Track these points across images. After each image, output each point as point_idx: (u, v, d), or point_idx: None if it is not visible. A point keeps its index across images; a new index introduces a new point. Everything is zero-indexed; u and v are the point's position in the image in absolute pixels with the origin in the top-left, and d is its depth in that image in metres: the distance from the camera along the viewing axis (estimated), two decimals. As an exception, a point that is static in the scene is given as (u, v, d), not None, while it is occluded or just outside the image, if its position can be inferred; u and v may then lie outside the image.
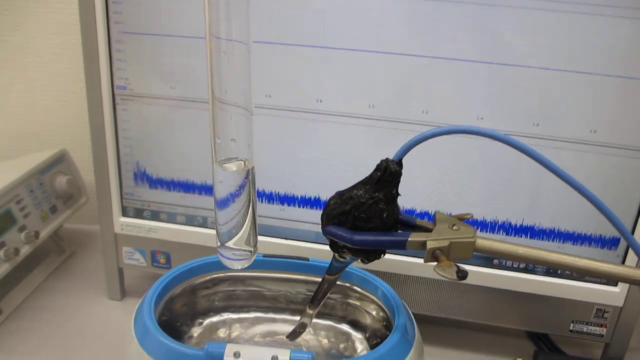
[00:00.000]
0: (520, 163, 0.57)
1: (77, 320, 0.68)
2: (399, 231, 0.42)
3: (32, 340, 0.64)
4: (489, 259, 0.61)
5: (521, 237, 0.60)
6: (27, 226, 0.68)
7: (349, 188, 0.42)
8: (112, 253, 0.69)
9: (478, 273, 0.61)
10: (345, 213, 0.41)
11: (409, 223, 0.42)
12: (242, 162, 0.41)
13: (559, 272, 0.61)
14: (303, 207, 0.63)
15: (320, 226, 0.43)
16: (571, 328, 0.64)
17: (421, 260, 0.63)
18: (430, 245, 0.39)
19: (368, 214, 0.40)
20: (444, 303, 0.64)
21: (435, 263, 0.39)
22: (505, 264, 0.62)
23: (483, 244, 0.40)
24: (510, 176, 0.58)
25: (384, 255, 0.43)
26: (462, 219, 0.43)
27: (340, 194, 0.42)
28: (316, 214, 0.62)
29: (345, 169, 0.60)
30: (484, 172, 0.58)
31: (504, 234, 0.60)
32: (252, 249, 0.44)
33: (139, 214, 0.67)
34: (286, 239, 0.64)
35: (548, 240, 0.60)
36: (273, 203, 0.63)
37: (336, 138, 0.59)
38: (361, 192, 0.41)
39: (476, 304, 0.64)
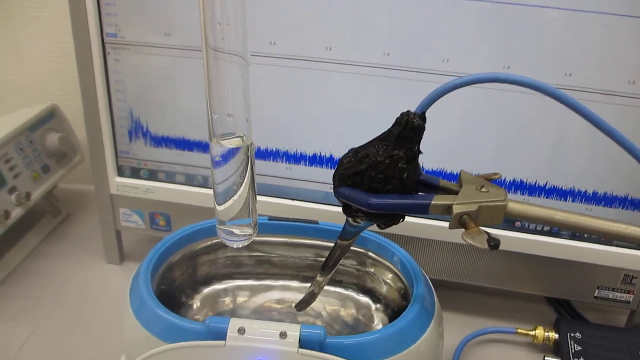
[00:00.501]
0: (542, 117, 0.52)
1: (74, 286, 0.65)
2: (420, 193, 0.37)
3: (26, 306, 0.61)
4: (510, 221, 0.57)
5: (543, 198, 0.55)
6: (17, 187, 0.64)
7: (364, 145, 0.37)
8: (108, 215, 0.65)
9: (498, 236, 0.57)
10: (361, 173, 0.36)
11: (432, 184, 0.38)
12: (241, 138, 0.38)
13: (585, 235, 0.57)
14: (311, 165, 0.58)
15: (331, 186, 0.39)
16: (596, 294, 0.60)
17: (437, 223, 0.60)
18: (457, 209, 0.35)
19: (386, 174, 0.36)
20: (460, 267, 0.61)
21: (458, 230, 0.35)
22: (528, 226, 0.58)
23: (515, 208, 0.36)
24: (531, 131, 0.53)
25: (403, 220, 0.39)
26: (490, 180, 0.38)
27: (354, 152, 0.37)
28: (325, 173, 0.58)
29: (358, 125, 0.55)
30: (501, 126, 0.53)
31: (527, 195, 0.56)
32: (251, 230, 0.41)
33: (135, 173, 0.63)
34: (293, 199, 0.60)
35: (574, 202, 0.55)
36: (278, 161, 0.58)
37: (348, 90, 0.54)
38: (378, 149, 0.36)
39: (495, 269, 0.60)
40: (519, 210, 0.36)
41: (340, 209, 0.38)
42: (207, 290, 0.52)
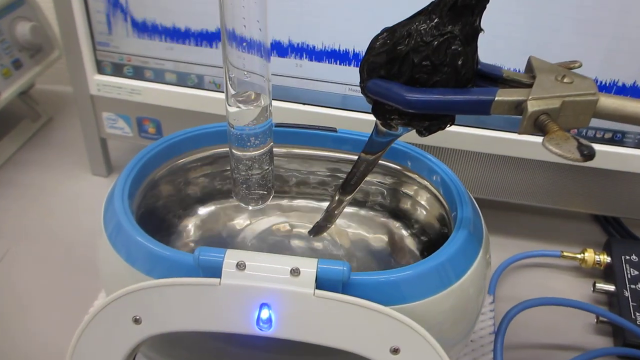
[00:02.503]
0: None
1: (55, 200, 0.57)
2: (476, 87, 0.28)
3: (2, 220, 0.54)
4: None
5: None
6: (-18, 86, 0.55)
7: (404, 21, 0.27)
8: (90, 120, 0.56)
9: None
10: (399, 59, 0.27)
11: (493, 75, 0.28)
12: (259, 97, 0.34)
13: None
14: (327, 61, 0.48)
15: (351, 87, 0.29)
16: (655, 211, 0.52)
17: (472, 131, 0.50)
18: (532, 107, 0.25)
19: (434, 60, 0.26)
20: (500, 184, 0.52)
21: (530, 135, 0.26)
22: (586, 133, 0.48)
23: (609, 104, 0.26)
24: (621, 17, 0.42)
25: (452, 123, 0.29)
26: (569, 69, 0.29)
27: (390, 31, 0.27)
28: (344, 71, 0.48)
29: (387, 6, 0.44)
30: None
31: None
32: (266, 192, 0.38)
33: (118, 70, 0.53)
34: (305, 104, 0.50)
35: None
36: (287, 56, 0.48)
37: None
38: (424, 25, 0.26)
39: (540, 185, 0.52)
40: (614, 107, 0.26)
41: (363, 115, 0.29)
42: (202, 211, 0.43)
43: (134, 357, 0.31)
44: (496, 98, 0.26)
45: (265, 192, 0.38)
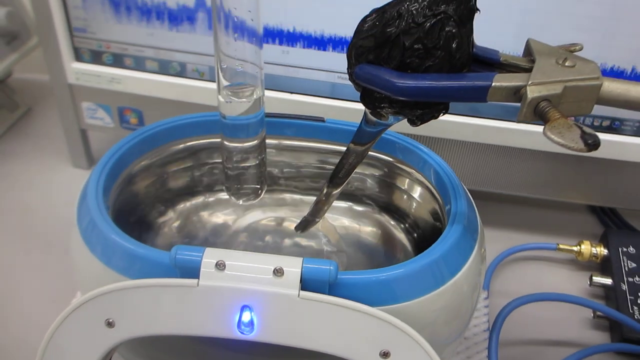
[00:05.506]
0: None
1: (33, 193, 0.55)
2: (472, 72, 0.26)
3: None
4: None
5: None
6: (-45, 75, 0.53)
7: (394, 1, 0.25)
8: (69, 110, 0.54)
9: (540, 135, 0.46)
10: (389, 42, 0.25)
11: (489, 60, 0.27)
12: (252, 90, 0.33)
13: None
14: (314, 48, 0.46)
15: (339, 75, 0.27)
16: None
17: (462, 119, 0.49)
18: (532, 93, 0.24)
19: (427, 42, 0.24)
20: (495, 175, 0.50)
21: (529, 123, 0.24)
22: (583, 121, 0.47)
23: (613, 88, 0.25)
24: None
25: (446, 112, 0.28)
26: (571, 52, 0.27)
27: (379, 12, 0.26)
28: (333, 58, 0.46)
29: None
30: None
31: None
32: (259, 186, 0.37)
33: (96, 58, 0.50)
34: (292, 93, 0.48)
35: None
36: (272, 42, 0.46)
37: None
38: (416, 5, 0.24)
39: (535, 176, 0.50)
40: (618, 92, 0.25)
41: (353, 105, 0.27)
42: (183, 207, 0.41)
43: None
44: (493, 84, 0.24)
45: (258, 186, 0.37)
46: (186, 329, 0.27)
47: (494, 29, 0.42)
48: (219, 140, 0.36)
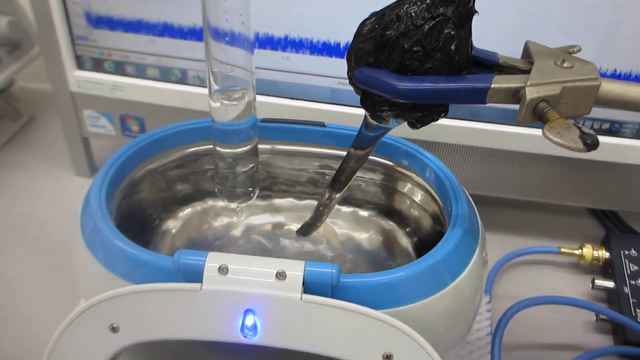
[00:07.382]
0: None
1: (36, 202, 0.55)
2: (471, 74, 0.26)
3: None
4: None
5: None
6: (-43, 84, 0.53)
7: (393, 3, 0.26)
8: (71, 119, 0.54)
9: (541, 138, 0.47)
10: (388, 45, 0.25)
11: (488, 61, 0.27)
12: (243, 93, 0.33)
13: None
14: (315, 54, 0.46)
15: (340, 80, 0.27)
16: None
17: (460, 123, 0.49)
18: (531, 93, 0.24)
19: (426, 44, 0.25)
20: (495, 179, 0.50)
21: (529, 124, 0.24)
22: (583, 124, 0.46)
23: (611, 89, 0.25)
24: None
25: (446, 114, 0.28)
26: (569, 53, 0.27)
27: (379, 15, 0.26)
28: (333, 64, 0.46)
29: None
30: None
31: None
32: (252, 189, 0.37)
33: (98, 65, 0.51)
34: (293, 98, 0.48)
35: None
36: (273, 49, 0.46)
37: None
38: (415, 7, 0.25)
39: (536, 179, 0.50)
40: (617, 93, 0.25)
41: (353, 110, 0.27)
42: (186, 212, 0.41)
43: (114, 366, 0.29)
44: (492, 85, 0.25)
45: (251, 190, 0.37)
46: (190, 333, 0.27)
47: (493, 31, 0.42)
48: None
